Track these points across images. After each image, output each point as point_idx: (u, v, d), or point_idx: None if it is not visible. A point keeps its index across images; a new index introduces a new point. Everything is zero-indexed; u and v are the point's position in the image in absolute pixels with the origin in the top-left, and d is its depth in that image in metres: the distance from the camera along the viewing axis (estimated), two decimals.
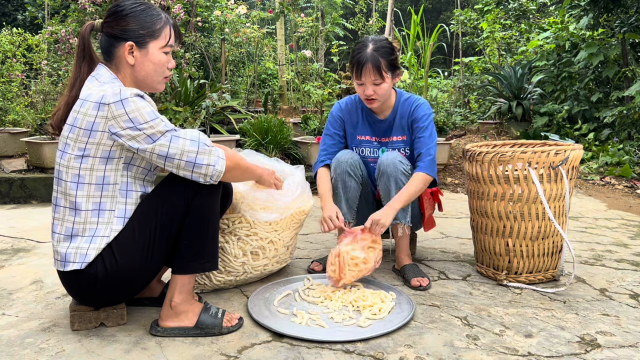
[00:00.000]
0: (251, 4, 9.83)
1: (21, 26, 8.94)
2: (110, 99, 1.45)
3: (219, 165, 1.52)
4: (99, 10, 3.87)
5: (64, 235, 1.51)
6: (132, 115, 1.44)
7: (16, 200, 3.73)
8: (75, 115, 1.49)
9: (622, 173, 4.61)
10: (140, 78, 1.60)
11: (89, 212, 1.50)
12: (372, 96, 2.09)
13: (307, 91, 5.26)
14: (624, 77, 5.72)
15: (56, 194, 1.54)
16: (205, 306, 1.67)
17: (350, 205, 2.17)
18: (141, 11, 1.56)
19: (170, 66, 1.63)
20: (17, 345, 1.56)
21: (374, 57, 2.03)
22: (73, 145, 1.49)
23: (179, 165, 1.49)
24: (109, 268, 1.49)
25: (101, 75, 1.55)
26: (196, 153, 1.49)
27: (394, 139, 2.25)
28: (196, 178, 1.51)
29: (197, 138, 1.50)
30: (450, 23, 9.14)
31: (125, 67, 1.58)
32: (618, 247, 2.69)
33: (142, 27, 1.55)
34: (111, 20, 1.56)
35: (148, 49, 1.57)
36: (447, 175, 4.70)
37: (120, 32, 1.54)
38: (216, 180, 1.53)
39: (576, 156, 2.04)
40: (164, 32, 1.59)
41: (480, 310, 1.83)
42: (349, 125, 2.30)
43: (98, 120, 1.45)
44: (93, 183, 1.50)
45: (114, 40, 1.55)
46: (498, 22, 7.80)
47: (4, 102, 5.20)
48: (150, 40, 1.57)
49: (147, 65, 1.58)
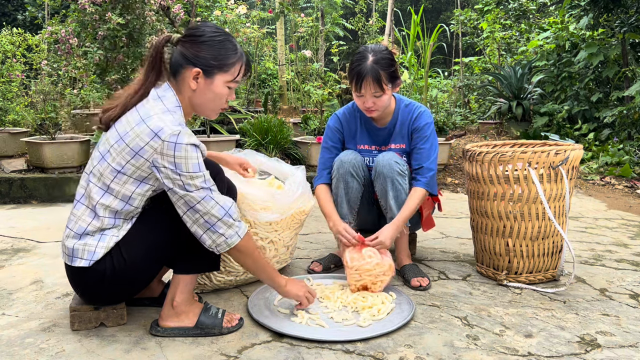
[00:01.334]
0: (251, 4, 9.82)
1: (21, 26, 8.93)
2: (167, 136, 1.44)
3: (232, 240, 1.52)
4: (99, 10, 3.87)
5: (75, 232, 1.53)
6: (178, 161, 1.44)
7: (16, 200, 3.73)
8: (128, 130, 1.49)
9: (622, 173, 4.61)
10: (197, 103, 1.59)
11: (106, 219, 1.52)
12: (372, 107, 2.05)
13: (307, 91, 5.26)
14: (624, 77, 5.72)
15: (83, 190, 1.55)
16: (205, 306, 1.67)
17: (352, 206, 2.17)
18: (219, 42, 1.55)
19: (230, 99, 1.63)
20: (17, 345, 1.56)
21: (374, 70, 1.97)
22: (115, 156, 1.50)
23: (197, 220, 1.49)
24: (117, 266, 1.51)
25: (167, 99, 1.54)
26: (218, 220, 1.49)
27: (392, 147, 2.22)
28: (204, 240, 1.51)
29: (227, 208, 1.50)
30: (450, 23, 9.14)
31: (186, 89, 1.57)
32: (618, 247, 2.69)
33: (215, 59, 1.54)
34: (187, 41, 1.56)
35: (214, 80, 1.56)
36: (447, 175, 4.70)
37: (193, 56, 1.53)
38: (221, 250, 1.53)
39: (576, 156, 2.03)
40: (235, 68, 1.58)
41: (480, 310, 1.83)
42: (348, 135, 2.26)
43: (147, 148, 1.46)
44: (118, 198, 1.52)
45: (185, 61, 1.54)
46: (498, 22, 7.80)
47: (4, 102, 5.20)
48: (217, 72, 1.56)
49: (207, 94, 1.57)
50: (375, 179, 2.13)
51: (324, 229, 3.03)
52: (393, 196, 2.07)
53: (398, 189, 2.07)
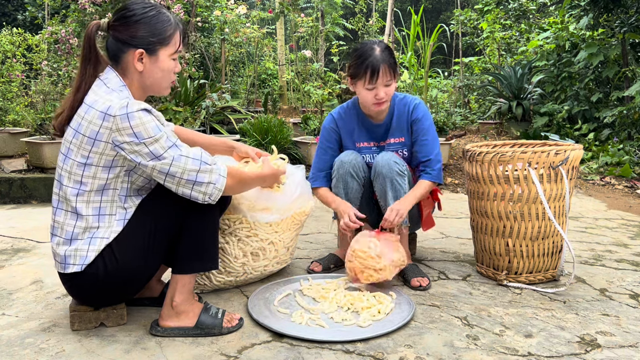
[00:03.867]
0: (251, 4, 9.82)
1: (21, 26, 8.93)
2: (117, 111, 1.42)
3: (219, 183, 1.50)
4: (99, 10, 3.87)
5: (64, 239, 1.52)
6: (137, 130, 1.43)
7: (16, 200, 3.73)
8: (80, 121, 1.48)
9: (622, 173, 4.61)
10: (147, 84, 1.58)
11: (90, 216, 1.50)
12: (384, 98, 2.07)
13: (307, 91, 5.27)
14: (624, 77, 5.72)
15: (57, 197, 1.54)
16: (205, 306, 1.67)
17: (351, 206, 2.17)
18: (152, 17, 1.52)
19: (177, 71, 1.61)
20: (17, 345, 1.56)
21: (386, 58, 2.03)
22: (76, 151, 1.48)
23: (179, 182, 1.47)
24: (109, 267, 1.50)
25: (110, 81, 1.52)
26: (197, 172, 1.47)
27: (391, 141, 2.23)
28: (195, 197, 1.49)
29: (199, 157, 1.48)
30: (450, 23, 9.14)
31: (132, 73, 1.55)
32: (618, 247, 2.69)
33: (153, 35, 1.52)
34: (120, 24, 1.52)
35: (158, 56, 1.54)
36: (447, 175, 4.70)
37: (130, 38, 1.50)
38: (215, 199, 1.52)
39: (576, 156, 2.03)
40: (174, 38, 1.56)
41: (480, 310, 1.83)
42: (345, 134, 2.26)
43: (102, 130, 1.44)
44: (94, 190, 1.50)
45: (122, 45, 1.51)
46: (498, 22, 7.80)
47: (4, 102, 5.20)
48: (160, 48, 1.54)
49: (155, 72, 1.56)
50: (374, 179, 2.13)
51: (324, 229, 3.03)
52: (392, 196, 2.07)
53: (397, 189, 2.07)
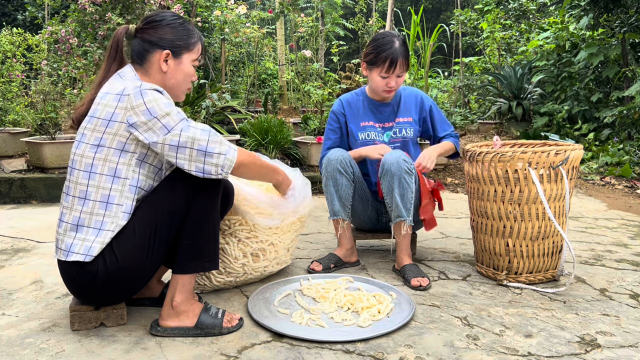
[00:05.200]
0: (251, 4, 9.83)
1: (21, 26, 8.94)
2: (131, 90, 1.51)
3: (231, 154, 1.53)
4: (99, 10, 3.87)
5: (71, 224, 1.52)
6: (150, 106, 1.49)
7: (16, 200, 3.73)
8: (96, 107, 1.55)
9: (622, 173, 4.61)
10: (169, 85, 1.66)
11: (97, 202, 1.52)
12: (394, 87, 2.26)
13: (307, 91, 5.26)
14: (624, 77, 5.72)
15: (68, 182, 1.58)
16: (205, 306, 1.67)
17: (344, 202, 2.21)
18: (179, 24, 1.66)
19: (194, 79, 1.72)
20: (17, 345, 1.56)
21: (403, 52, 2.21)
22: (90, 135, 1.53)
23: (190, 155, 1.49)
24: (109, 266, 1.49)
25: (125, 74, 1.61)
26: (207, 141, 1.50)
27: (400, 120, 2.36)
28: (208, 170, 1.51)
29: (208, 129, 1.54)
30: (450, 23, 9.14)
31: (156, 73, 1.64)
32: (618, 247, 2.69)
33: (180, 39, 1.64)
34: (149, 27, 1.63)
35: (182, 60, 1.65)
36: (447, 175, 4.70)
37: (158, 39, 1.62)
38: (228, 171, 1.53)
39: (576, 156, 2.04)
40: (197, 46, 1.69)
41: (480, 310, 1.83)
42: (351, 115, 2.39)
43: (118, 110, 1.50)
44: (105, 174, 1.52)
45: (150, 45, 1.62)
46: (498, 22, 7.80)
47: (4, 102, 5.20)
48: (185, 52, 1.66)
49: (178, 74, 1.66)
50: (382, 177, 2.14)
51: (324, 228, 3.03)
52: (399, 193, 2.08)
53: (404, 187, 2.08)
